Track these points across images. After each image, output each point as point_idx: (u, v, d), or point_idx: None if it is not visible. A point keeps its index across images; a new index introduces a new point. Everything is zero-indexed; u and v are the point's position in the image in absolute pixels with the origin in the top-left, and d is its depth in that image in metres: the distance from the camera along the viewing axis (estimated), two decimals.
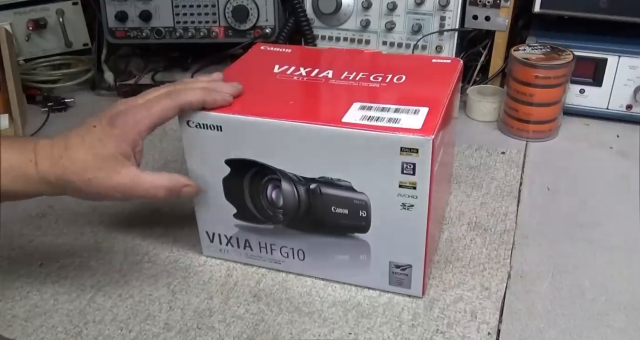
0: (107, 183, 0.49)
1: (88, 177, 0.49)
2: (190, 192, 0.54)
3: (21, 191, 0.49)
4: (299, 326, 0.52)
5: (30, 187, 0.49)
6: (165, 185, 0.52)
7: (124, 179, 0.50)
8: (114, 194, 0.50)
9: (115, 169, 0.49)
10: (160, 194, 0.51)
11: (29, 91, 0.95)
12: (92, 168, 0.49)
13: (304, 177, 0.52)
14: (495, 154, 0.79)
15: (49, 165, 0.48)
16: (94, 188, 0.49)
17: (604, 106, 0.86)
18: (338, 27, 0.97)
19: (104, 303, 0.55)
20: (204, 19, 0.98)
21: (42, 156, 0.49)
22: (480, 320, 0.53)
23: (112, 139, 0.49)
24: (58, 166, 0.48)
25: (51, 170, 0.48)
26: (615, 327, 0.52)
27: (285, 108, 0.51)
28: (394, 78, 0.56)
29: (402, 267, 0.54)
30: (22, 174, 0.48)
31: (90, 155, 0.49)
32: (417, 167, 0.47)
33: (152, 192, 0.51)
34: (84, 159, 0.49)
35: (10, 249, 0.63)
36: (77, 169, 0.49)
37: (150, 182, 0.51)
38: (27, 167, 0.48)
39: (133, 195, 0.51)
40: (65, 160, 0.49)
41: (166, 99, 0.51)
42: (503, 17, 0.89)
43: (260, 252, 0.58)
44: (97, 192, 0.50)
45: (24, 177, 0.48)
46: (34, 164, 0.48)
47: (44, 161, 0.48)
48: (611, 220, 0.66)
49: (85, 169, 0.49)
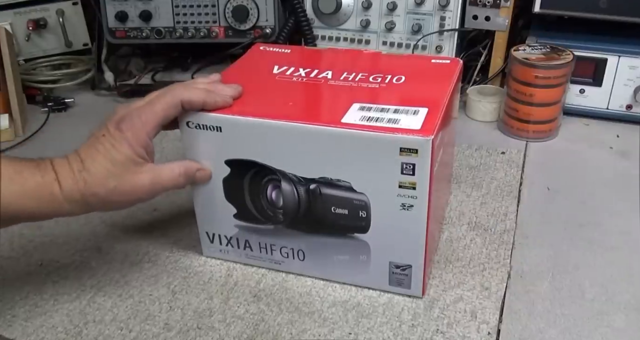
0: (132, 186, 0.50)
1: (113, 185, 0.49)
2: (204, 176, 0.54)
3: (45, 212, 0.48)
4: (299, 326, 0.52)
5: (55, 207, 0.48)
6: (182, 172, 0.52)
7: (146, 179, 0.50)
8: (140, 196, 0.51)
9: (135, 171, 0.50)
10: (181, 182, 0.52)
11: (29, 91, 0.95)
12: (113, 175, 0.49)
13: (303, 178, 0.52)
14: (495, 154, 0.79)
15: (71, 182, 0.48)
16: (119, 194, 0.50)
17: (604, 106, 0.86)
18: (338, 27, 0.97)
19: (104, 303, 0.55)
20: (204, 19, 0.98)
21: (63, 175, 0.48)
22: (480, 320, 0.53)
23: (124, 143, 0.49)
24: (80, 181, 0.48)
25: (75, 187, 0.48)
26: (615, 327, 0.52)
27: (285, 109, 0.51)
28: (393, 78, 0.56)
29: (402, 267, 0.54)
30: (48, 194, 0.47)
31: (108, 163, 0.49)
32: (416, 168, 0.47)
33: (174, 182, 0.52)
34: (103, 168, 0.49)
35: (11, 249, 0.63)
36: (98, 179, 0.48)
37: (169, 173, 0.52)
38: (52, 187, 0.47)
39: (158, 191, 0.52)
40: (85, 173, 0.48)
41: (167, 96, 0.51)
42: (503, 17, 0.89)
43: (260, 253, 0.58)
44: (123, 198, 0.50)
45: (50, 198, 0.47)
46: (57, 183, 0.48)
47: (66, 179, 0.48)
48: (611, 220, 0.66)
49: (106, 178, 0.49)
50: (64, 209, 0.49)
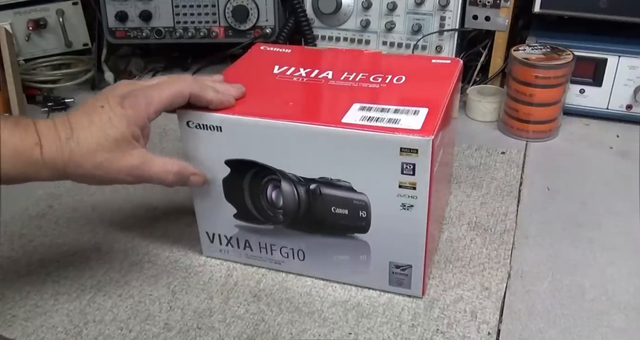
0: (118, 165, 0.48)
1: (99, 161, 0.47)
2: (198, 181, 0.53)
3: (21, 176, 0.46)
4: (299, 326, 0.52)
5: (32, 171, 0.45)
6: (175, 170, 0.51)
7: (135, 161, 0.48)
8: (125, 177, 0.49)
9: (126, 151, 0.48)
10: (169, 178, 0.51)
11: (29, 91, 0.95)
12: (103, 150, 0.47)
13: (303, 178, 0.52)
14: (495, 154, 0.79)
15: (55, 149, 0.45)
16: (103, 171, 0.47)
17: (604, 106, 0.86)
18: (338, 27, 0.97)
19: (104, 303, 0.55)
20: (204, 19, 0.98)
21: (48, 140, 0.45)
22: (480, 320, 0.53)
23: (123, 119, 0.47)
24: (66, 149, 0.46)
25: (58, 155, 0.45)
26: (615, 327, 0.52)
27: (285, 108, 0.51)
28: (393, 78, 0.56)
29: (402, 267, 0.54)
30: (27, 158, 0.45)
31: (100, 136, 0.47)
32: (417, 168, 0.47)
33: (162, 176, 0.50)
34: (94, 141, 0.46)
35: (11, 249, 0.63)
36: (87, 151, 0.46)
37: (161, 166, 0.50)
38: (32, 152, 0.45)
39: (143, 177, 0.50)
40: (73, 142, 0.46)
41: (178, 85, 0.50)
42: (503, 17, 0.89)
43: (260, 253, 0.58)
44: (105, 176, 0.48)
45: (28, 161, 0.45)
46: (39, 147, 0.45)
47: (50, 146, 0.45)
48: (611, 220, 0.66)
49: (95, 151, 0.46)
50: (41, 176, 0.46)
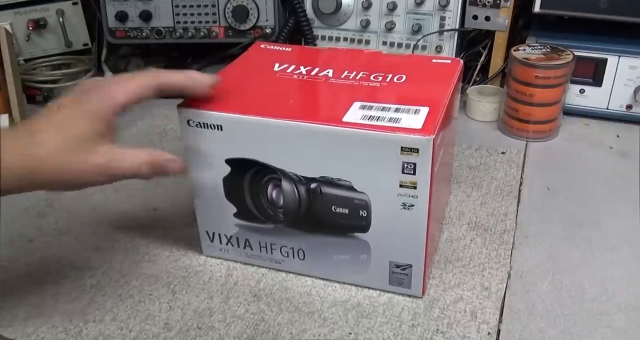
0: (83, 166, 0.44)
1: (61, 163, 0.44)
2: (176, 167, 0.49)
3: None
4: (299, 326, 0.52)
5: None
6: (148, 160, 0.47)
7: (101, 159, 0.45)
8: (95, 178, 0.45)
9: (90, 150, 0.44)
10: (143, 170, 0.47)
11: (29, 91, 0.95)
12: (63, 151, 0.44)
13: (304, 177, 0.52)
14: (495, 154, 0.79)
15: (15, 156, 0.43)
16: (69, 174, 0.44)
17: (604, 106, 0.86)
18: (338, 27, 0.97)
19: (104, 303, 0.55)
20: (204, 19, 0.98)
21: (7, 147, 0.42)
22: (480, 320, 0.53)
23: (82, 116, 0.44)
24: (24, 155, 0.43)
25: (17, 162, 0.43)
26: (615, 327, 0.52)
27: (286, 107, 0.51)
28: (394, 78, 0.56)
29: (402, 267, 0.54)
30: None
31: (59, 137, 0.44)
32: (417, 167, 0.47)
33: (135, 169, 0.47)
34: (54, 143, 0.43)
35: (10, 248, 0.63)
36: (46, 154, 0.43)
37: (130, 158, 0.47)
38: None
39: (115, 174, 0.46)
40: (32, 147, 0.43)
41: (145, 76, 0.48)
42: (503, 17, 0.89)
43: (261, 252, 0.58)
44: (74, 179, 0.45)
45: None
46: None
47: (9, 153, 0.42)
48: (611, 220, 0.66)
49: (56, 154, 0.43)
50: (8, 186, 0.43)
